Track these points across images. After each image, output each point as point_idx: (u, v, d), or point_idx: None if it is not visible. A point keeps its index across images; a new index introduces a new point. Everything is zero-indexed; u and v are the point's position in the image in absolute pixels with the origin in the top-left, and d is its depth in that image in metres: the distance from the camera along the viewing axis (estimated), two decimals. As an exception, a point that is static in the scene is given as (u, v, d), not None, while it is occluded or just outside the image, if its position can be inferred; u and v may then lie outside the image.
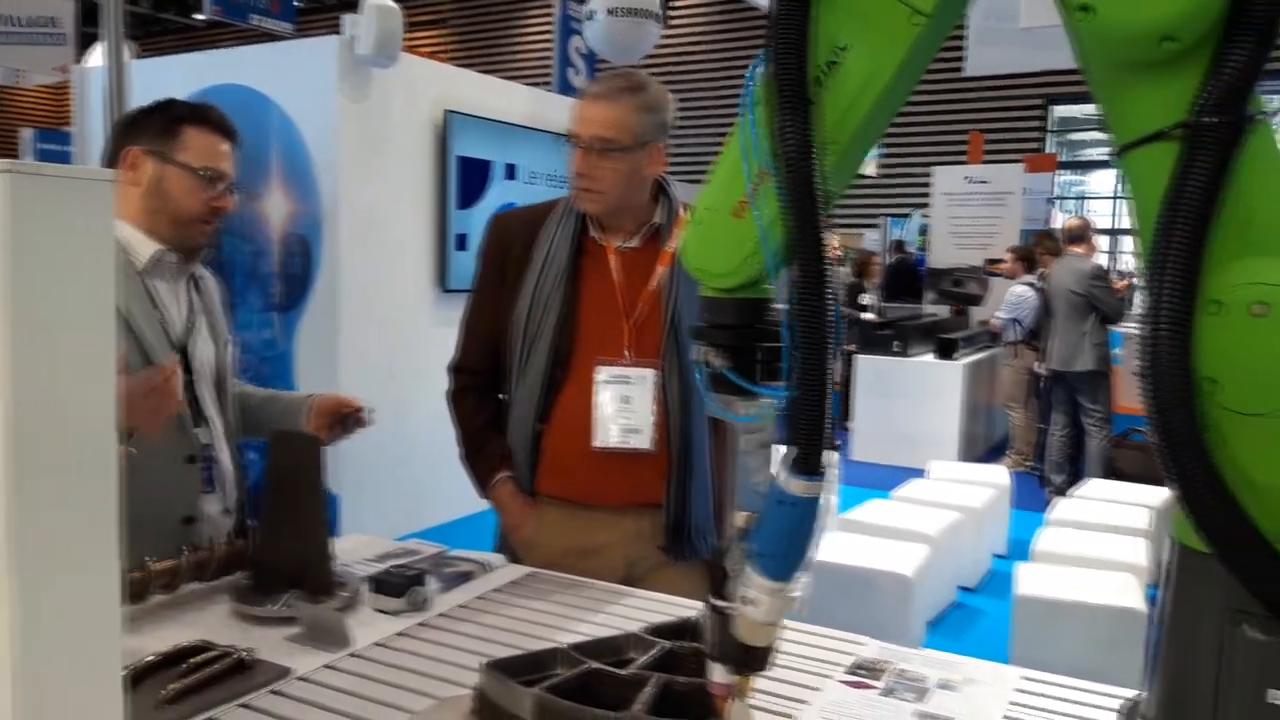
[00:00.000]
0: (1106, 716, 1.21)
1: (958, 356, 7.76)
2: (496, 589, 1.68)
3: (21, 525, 0.62)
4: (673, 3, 14.86)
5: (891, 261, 12.03)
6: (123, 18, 3.52)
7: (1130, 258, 12.96)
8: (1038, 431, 7.43)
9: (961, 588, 4.69)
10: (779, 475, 0.88)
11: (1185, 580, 0.83)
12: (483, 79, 5.89)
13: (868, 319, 8.76)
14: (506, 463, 1.94)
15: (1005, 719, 1.24)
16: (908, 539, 4.07)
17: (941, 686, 1.32)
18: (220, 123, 1.79)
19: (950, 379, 7.61)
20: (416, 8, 16.06)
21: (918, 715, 1.24)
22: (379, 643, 1.43)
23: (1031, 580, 3.61)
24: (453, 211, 5.31)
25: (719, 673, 0.99)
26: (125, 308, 1.63)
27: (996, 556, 5.18)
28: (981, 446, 8.20)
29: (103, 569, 0.68)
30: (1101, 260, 7.66)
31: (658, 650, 1.18)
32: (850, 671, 1.37)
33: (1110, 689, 1.31)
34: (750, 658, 0.96)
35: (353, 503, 4.57)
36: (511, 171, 5.62)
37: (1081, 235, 6.57)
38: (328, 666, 1.34)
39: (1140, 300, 0.78)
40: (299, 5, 12.38)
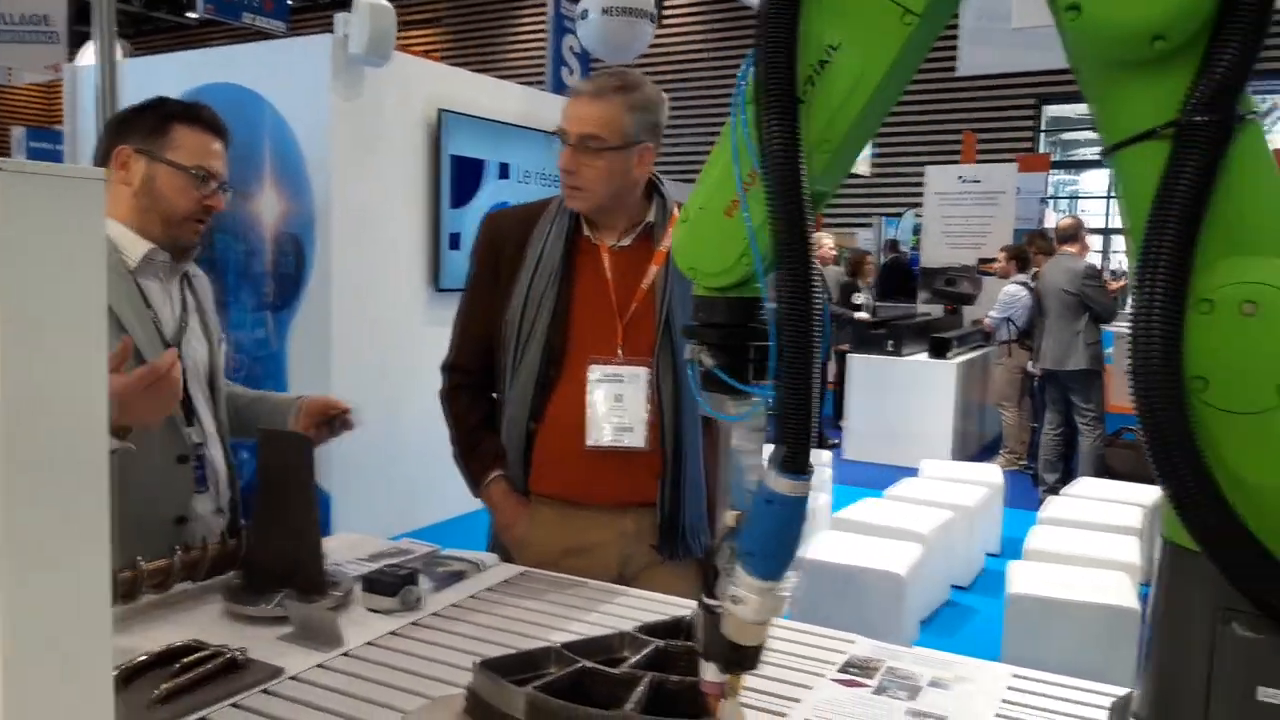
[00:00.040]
0: (1098, 714, 1.22)
1: (951, 356, 7.78)
2: (489, 588, 1.68)
3: (11, 524, 0.61)
4: (667, 1, 14.86)
5: (885, 261, 12.06)
6: (115, 16, 3.52)
7: (1123, 257, 13.00)
8: (1030, 430, 7.46)
9: (954, 586, 4.70)
10: (766, 474, 0.88)
11: (1175, 578, 0.84)
12: (476, 78, 5.88)
13: (861, 318, 8.77)
14: (499, 462, 1.94)
15: (997, 717, 1.24)
16: (900, 537, 4.08)
17: (933, 685, 1.33)
18: (211, 121, 1.78)
19: (943, 378, 7.63)
20: (410, 6, 16.05)
21: (910, 713, 1.24)
22: (371, 642, 1.42)
23: (1024, 579, 3.61)
24: (446, 210, 5.30)
25: (711, 671, 0.99)
26: (117, 307, 1.63)
27: (989, 555, 5.20)
28: (974, 445, 8.23)
29: (93, 568, 0.67)
30: (1094, 260, 7.67)
31: (650, 649, 1.18)
32: (842, 670, 1.37)
33: (1102, 687, 1.31)
34: (739, 656, 0.96)
35: (345, 502, 4.57)
36: (505, 171, 5.61)
37: (1074, 235, 6.60)
38: (320, 666, 1.34)
39: (1131, 299, 0.78)
40: (291, 4, 12.38)
